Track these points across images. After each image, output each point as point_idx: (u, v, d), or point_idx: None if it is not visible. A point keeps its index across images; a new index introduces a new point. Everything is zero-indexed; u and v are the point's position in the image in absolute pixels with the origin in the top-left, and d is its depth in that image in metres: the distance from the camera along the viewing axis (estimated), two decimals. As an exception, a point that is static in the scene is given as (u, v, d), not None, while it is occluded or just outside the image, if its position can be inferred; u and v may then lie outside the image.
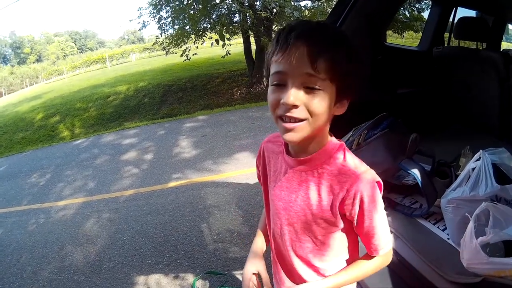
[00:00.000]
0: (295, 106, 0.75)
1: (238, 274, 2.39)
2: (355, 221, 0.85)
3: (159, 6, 9.38)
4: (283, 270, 1.01)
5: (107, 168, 5.21)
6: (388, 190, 1.73)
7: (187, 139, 5.94)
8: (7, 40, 70.79)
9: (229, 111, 7.75)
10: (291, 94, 0.74)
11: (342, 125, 1.65)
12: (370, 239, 0.87)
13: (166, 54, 10.06)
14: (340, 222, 0.86)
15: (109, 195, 4.17)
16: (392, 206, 1.64)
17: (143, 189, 4.16)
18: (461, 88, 2.46)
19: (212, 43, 8.07)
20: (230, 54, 8.54)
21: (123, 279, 2.59)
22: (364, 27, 2.05)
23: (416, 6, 8.77)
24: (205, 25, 9.06)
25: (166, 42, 9.82)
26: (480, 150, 1.41)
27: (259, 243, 1.07)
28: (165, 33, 9.89)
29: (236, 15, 9.21)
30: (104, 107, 11.01)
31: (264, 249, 1.07)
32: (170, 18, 9.43)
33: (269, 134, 1.03)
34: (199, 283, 2.37)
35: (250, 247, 1.07)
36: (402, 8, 8.20)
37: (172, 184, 4.16)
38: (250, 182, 3.74)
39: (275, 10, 8.85)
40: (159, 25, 9.73)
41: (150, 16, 9.61)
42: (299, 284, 0.93)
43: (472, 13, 2.87)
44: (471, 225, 1.14)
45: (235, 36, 10.80)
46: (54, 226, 3.65)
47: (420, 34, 4.54)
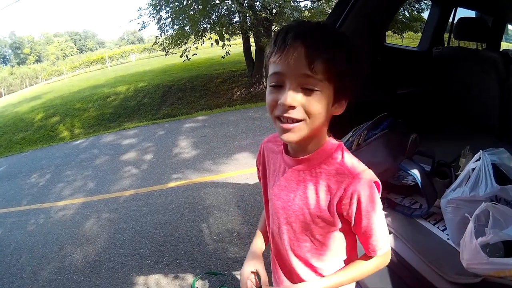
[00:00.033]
0: (292, 107, 0.75)
1: (237, 274, 2.39)
2: (352, 221, 0.85)
3: (158, 7, 9.38)
4: (281, 269, 1.01)
5: (106, 169, 5.21)
6: (388, 191, 1.73)
7: (186, 140, 5.94)
8: (7, 41, 70.84)
9: (228, 112, 7.75)
10: (289, 95, 0.75)
11: (342, 125, 1.65)
12: (368, 239, 0.87)
13: (166, 55, 10.08)
14: (338, 222, 0.86)
15: (108, 196, 4.17)
16: (392, 206, 1.64)
17: (142, 189, 4.16)
18: (461, 88, 2.47)
19: (211, 44, 8.09)
20: (229, 55, 8.56)
21: (123, 279, 2.58)
22: (364, 27, 2.05)
23: (416, 6, 8.77)
24: (204, 25, 9.06)
25: (166, 43, 9.83)
26: (480, 151, 1.41)
27: (258, 243, 1.07)
28: (164, 33, 9.90)
29: (236, 15, 9.21)
30: (104, 108, 11.02)
31: (263, 249, 1.07)
32: (170, 19, 9.44)
33: (268, 135, 1.03)
34: (199, 283, 2.37)
35: (249, 247, 1.07)
36: (401, 8, 8.20)
37: (172, 184, 4.15)
38: (249, 182, 3.74)
39: (274, 11, 8.86)
40: (158, 25, 9.74)
41: (149, 16, 9.64)
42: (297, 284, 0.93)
43: (471, 13, 2.87)
44: (471, 225, 1.14)
45: (235, 37, 10.80)
46: (54, 226, 3.65)
47: (419, 34, 4.55)
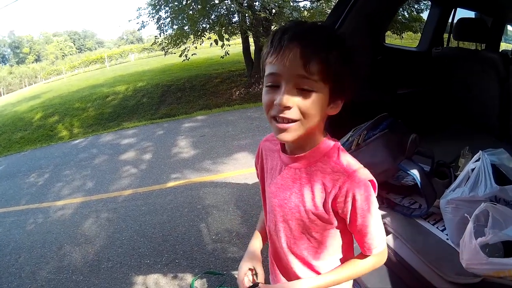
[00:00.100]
0: (288, 108, 0.76)
1: (236, 274, 2.38)
2: (347, 219, 0.85)
3: (158, 7, 9.38)
4: (278, 268, 1.02)
5: (105, 168, 5.20)
6: (388, 191, 1.73)
7: (185, 139, 5.93)
8: (6, 40, 70.62)
9: (227, 111, 7.75)
10: (284, 95, 0.76)
11: (341, 125, 1.65)
12: (363, 238, 0.87)
13: (165, 54, 10.06)
14: (334, 220, 0.87)
15: (107, 195, 4.17)
16: (392, 206, 1.64)
17: (141, 189, 4.16)
18: (460, 89, 2.47)
19: (211, 44, 8.08)
20: (229, 55, 8.55)
21: (122, 279, 2.58)
22: (364, 28, 2.06)
23: (415, 7, 8.77)
24: (204, 25, 9.06)
25: (165, 42, 9.83)
26: (480, 151, 1.41)
27: (257, 243, 1.08)
28: (164, 33, 9.91)
29: (235, 15, 9.21)
30: (103, 107, 11.00)
31: (261, 247, 1.07)
32: (169, 18, 9.43)
33: (267, 134, 1.03)
34: (198, 283, 2.36)
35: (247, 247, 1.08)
36: (401, 8, 8.21)
37: (171, 184, 4.15)
38: (248, 182, 3.74)
39: (274, 11, 8.86)
40: (158, 25, 9.74)
41: (149, 16, 9.62)
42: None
43: (471, 14, 2.87)
44: (470, 225, 1.14)
45: (234, 37, 10.79)
46: (53, 226, 3.64)
47: (419, 34, 4.55)
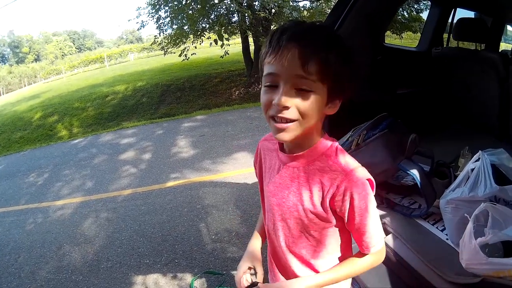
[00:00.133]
0: (286, 108, 0.77)
1: (236, 274, 2.38)
2: (345, 218, 0.85)
3: (157, 6, 9.37)
4: (277, 267, 1.02)
5: (105, 168, 5.20)
6: (387, 191, 1.73)
7: (185, 139, 5.93)
8: (6, 40, 70.61)
9: (227, 111, 7.75)
10: (283, 95, 0.76)
11: (341, 125, 1.65)
12: (361, 237, 0.87)
13: (165, 54, 10.04)
14: (333, 218, 0.87)
15: (107, 195, 4.16)
16: (391, 206, 1.64)
17: (141, 188, 4.15)
18: (460, 88, 2.47)
19: (210, 43, 8.07)
20: (228, 54, 8.53)
21: (121, 279, 2.58)
22: (363, 27, 2.05)
23: (415, 7, 8.77)
24: (203, 25, 9.05)
25: (165, 42, 9.81)
26: (479, 151, 1.41)
27: (256, 243, 1.08)
28: (163, 33, 9.90)
29: (235, 15, 9.19)
30: (102, 107, 10.99)
31: (260, 247, 1.08)
32: (169, 18, 9.42)
33: (266, 134, 1.03)
34: (197, 283, 2.36)
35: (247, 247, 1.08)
36: (400, 9, 8.20)
37: (170, 184, 4.15)
38: (248, 182, 3.74)
39: (273, 10, 8.86)
40: (157, 25, 9.72)
41: (148, 16, 9.61)
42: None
43: (471, 14, 2.87)
44: (470, 225, 1.14)
45: (234, 36, 10.79)
46: (52, 225, 3.64)
47: (418, 34, 4.55)
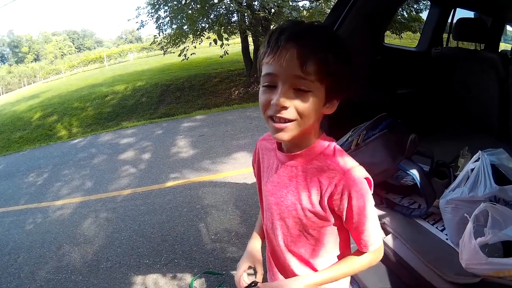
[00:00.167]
0: (284, 108, 0.77)
1: (235, 274, 2.38)
2: (344, 216, 0.86)
3: (157, 6, 9.36)
4: (276, 266, 1.02)
5: (104, 168, 5.19)
6: (387, 191, 1.73)
7: (184, 139, 5.93)
8: (5, 39, 70.45)
9: (227, 111, 7.74)
10: (281, 96, 0.76)
11: (341, 125, 1.65)
12: (360, 235, 0.88)
13: (164, 54, 10.02)
14: (331, 217, 0.88)
15: (106, 195, 4.16)
16: (391, 206, 1.64)
17: (140, 188, 4.15)
18: (460, 89, 2.47)
19: (210, 43, 8.05)
20: (228, 54, 8.53)
21: (121, 279, 2.58)
22: (363, 27, 2.05)
23: (414, 7, 8.78)
24: (203, 25, 9.04)
25: (164, 42, 9.80)
26: (479, 151, 1.41)
27: (255, 243, 1.08)
28: (163, 32, 9.88)
29: (234, 15, 9.19)
30: (102, 107, 10.97)
31: (260, 246, 1.08)
32: (168, 18, 9.40)
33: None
34: (197, 283, 2.36)
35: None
36: (400, 8, 8.21)
37: (170, 183, 4.15)
38: (247, 181, 3.74)
39: (273, 10, 8.86)
40: (157, 24, 9.71)
41: (148, 15, 9.60)
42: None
43: (470, 14, 2.87)
44: (470, 225, 1.14)
45: (233, 36, 10.77)
46: (52, 225, 3.64)
47: (418, 34, 4.55)
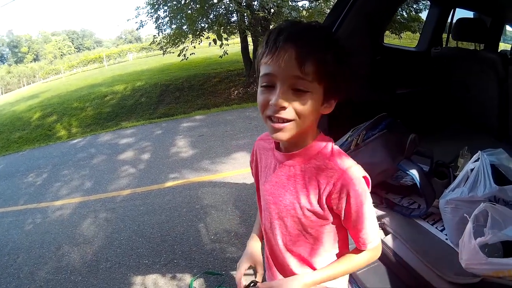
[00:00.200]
0: (283, 108, 0.77)
1: (235, 274, 2.38)
2: (342, 215, 0.86)
3: (156, 6, 9.36)
4: (275, 265, 1.02)
5: (104, 168, 5.19)
6: (387, 191, 1.74)
7: (184, 139, 5.92)
8: (5, 39, 70.35)
9: (226, 111, 7.74)
10: (280, 96, 0.77)
11: (341, 125, 1.65)
12: (358, 233, 0.88)
13: (164, 54, 10.01)
14: (329, 216, 0.88)
15: (106, 195, 4.16)
16: (391, 206, 1.64)
17: (140, 189, 4.15)
18: (460, 89, 2.47)
19: (209, 43, 8.05)
20: (227, 54, 8.52)
21: (120, 279, 2.57)
22: (363, 27, 2.05)
23: (414, 6, 8.78)
24: (202, 25, 9.03)
25: (164, 42, 9.79)
26: (479, 151, 1.41)
27: (255, 243, 1.09)
28: (162, 32, 9.88)
29: (234, 15, 9.18)
30: (101, 107, 10.96)
31: (259, 246, 1.08)
32: (168, 18, 9.40)
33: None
34: (197, 283, 2.36)
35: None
36: (400, 8, 8.21)
37: (169, 184, 4.14)
38: (247, 182, 3.74)
39: (272, 10, 8.85)
40: (156, 24, 9.72)
41: (147, 15, 9.61)
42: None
43: (470, 14, 2.87)
44: (469, 225, 1.14)
45: (233, 36, 10.76)
46: (51, 226, 3.63)
47: (417, 34, 4.55)
